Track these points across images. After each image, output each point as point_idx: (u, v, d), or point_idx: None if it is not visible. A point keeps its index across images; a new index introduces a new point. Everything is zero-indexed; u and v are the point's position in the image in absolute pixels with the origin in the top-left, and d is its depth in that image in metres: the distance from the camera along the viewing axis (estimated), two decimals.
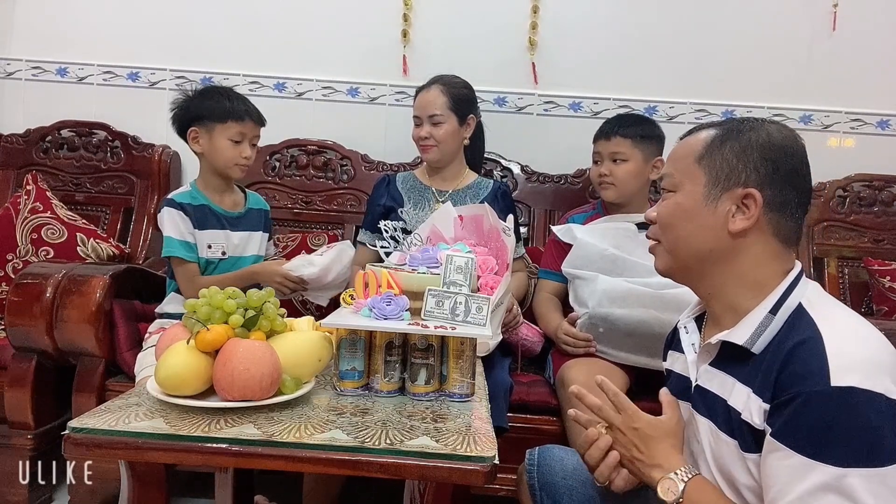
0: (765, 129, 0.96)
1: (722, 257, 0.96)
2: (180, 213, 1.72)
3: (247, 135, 1.76)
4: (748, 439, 0.89)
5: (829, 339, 0.84)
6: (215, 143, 1.74)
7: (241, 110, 1.75)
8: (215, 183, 1.80)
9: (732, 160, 0.95)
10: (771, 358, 0.88)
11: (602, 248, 1.80)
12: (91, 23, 2.49)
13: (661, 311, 1.61)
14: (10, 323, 1.71)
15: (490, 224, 1.54)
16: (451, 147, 1.93)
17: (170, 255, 1.71)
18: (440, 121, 1.90)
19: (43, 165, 2.42)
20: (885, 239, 2.33)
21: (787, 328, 0.90)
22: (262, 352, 1.01)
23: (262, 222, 1.89)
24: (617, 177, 1.88)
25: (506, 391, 1.56)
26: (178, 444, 0.92)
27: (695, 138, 1.00)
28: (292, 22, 2.46)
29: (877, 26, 2.39)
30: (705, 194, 0.96)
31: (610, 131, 1.91)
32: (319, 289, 1.79)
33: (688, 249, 0.99)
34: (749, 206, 0.93)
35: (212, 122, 1.74)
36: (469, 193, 1.95)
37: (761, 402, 0.87)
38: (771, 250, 0.95)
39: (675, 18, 2.42)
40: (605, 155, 1.91)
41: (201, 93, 1.78)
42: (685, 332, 1.08)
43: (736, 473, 0.91)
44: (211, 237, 1.76)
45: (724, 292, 0.98)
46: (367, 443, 0.92)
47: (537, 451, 1.18)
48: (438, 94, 1.91)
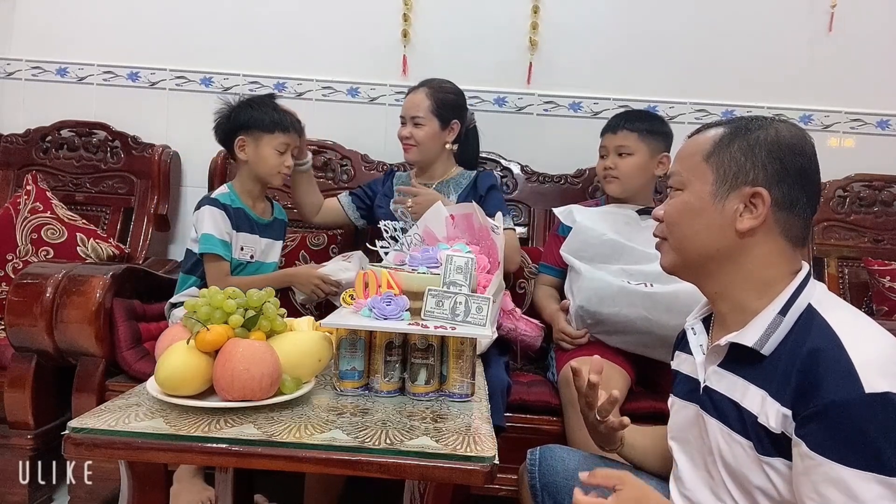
0: (774, 127, 0.95)
1: (729, 256, 0.95)
2: (222, 212, 1.79)
3: (290, 146, 1.84)
4: (765, 442, 0.88)
5: (850, 344, 0.82)
6: (262, 152, 1.81)
7: (286, 122, 1.83)
8: (254, 189, 1.88)
9: (740, 158, 0.94)
10: (787, 361, 0.87)
11: (600, 232, 1.78)
12: (91, 23, 2.49)
13: (650, 311, 1.61)
14: (10, 323, 1.71)
15: (479, 222, 1.55)
16: (430, 149, 1.98)
17: (208, 251, 1.75)
18: (421, 123, 1.95)
19: (43, 165, 2.42)
20: (885, 239, 2.33)
21: (798, 330, 0.89)
22: (262, 352, 1.01)
23: (281, 231, 1.98)
24: (621, 170, 1.87)
25: (503, 390, 1.56)
26: (178, 444, 0.92)
27: (703, 136, 1.00)
28: (292, 22, 2.46)
29: (877, 26, 2.39)
30: (713, 192, 0.95)
31: (617, 125, 1.90)
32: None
33: (694, 248, 0.98)
34: (757, 205, 0.92)
35: (259, 132, 1.81)
36: (451, 184, 2.00)
37: (780, 406, 0.86)
38: (779, 250, 0.94)
39: (675, 19, 2.42)
40: (610, 148, 1.90)
41: (247, 103, 1.85)
42: (693, 334, 1.07)
43: (750, 475, 0.90)
44: (245, 240, 1.83)
45: (730, 292, 0.97)
46: (367, 443, 0.92)
47: (538, 450, 1.18)
48: (423, 97, 1.96)
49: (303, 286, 1.83)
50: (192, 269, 1.82)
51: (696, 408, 1.02)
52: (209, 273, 1.77)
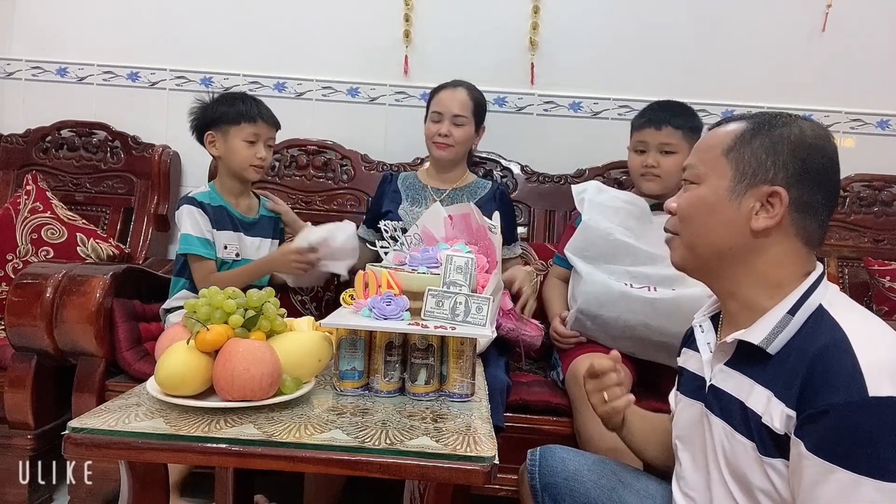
0: (798, 125, 0.93)
1: (741, 255, 0.93)
2: (200, 210, 1.77)
3: (261, 136, 1.81)
4: (768, 443, 0.87)
5: (858, 345, 0.80)
6: (230, 145, 1.80)
7: (253, 112, 1.80)
8: (233, 186, 1.86)
9: (762, 155, 0.91)
10: (794, 361, 0.85)
11: (607, 232, 1.73)
12: (91, 23, 2.49)
13: (650, 317, 1.60)
14: (10, 323, 1.71)
15: (477, 223, 1.55)
16: (463, 150, 1.96)
17: (188, 251, 1.74)
18: (462, 122, 1.91)
19: (43, 165, 2.42)
20: (885, 239, 2.33)
21: (807, 330, 0.88)
22: (262, 352, 1.01)
23: (272, 229, 1.93)
24: (664, 169, 1.79)
25: (502, 390, 1.56)
26: (178, 444, 0.92)
27: (724, 129, 0.97)
28: (292, 22, 2.46)
29: (877, 26, 2.39)
30: (730, 189, 0.93)
31: (661, 120, 1.81)
32: (332, 257, 1.78)
33: (707, 245, 0.96)
34: (774, 205, 0.90)
35: (226, 126, 1.80)
36: (466, 192, 1.96)
37: (784, 406, 0.84)
38: (793, 251, 0.92)
39: (675, 19, 2.42)
40: (652, 145, 1.81)
41: (217, 99, 1.84)
42: (700, 331, 1.05)
43: (751, 476, 0.89)
44: (227, 238, 1.81)
45: (741, 291, 0.95)
46: (367, 443, 0.92)
47: (539, 451, 1.17)
48: (466, 96, 1.92)
49: (283, 267, 1.78)
50: (181, 270, 1.81)
51: (700, 406, 1.00)
52: (194, 273, 1.76)
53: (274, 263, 1.80)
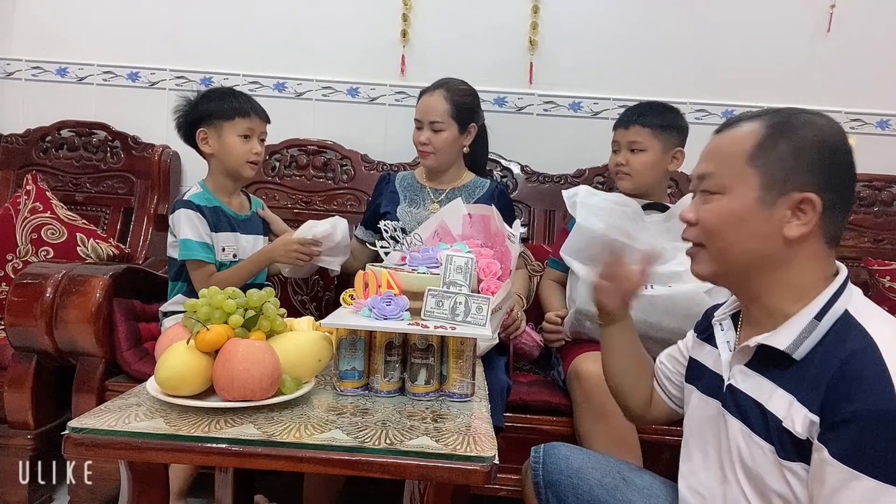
0: (816, 124, 0.90)
1: (772, 264, 0.91)
2: (198, 214, 1.72)
3: (255, 130, 1.77)
4: (788, 447, 0.85)
5: (888, 353, 0.79)
6: (225, 141, 1.75)
7: (246, 107, 1.76)
8: (227, 184, 1.81)
9: (789, 161, 0.88)
10: (819, 367, 0.84)
11: (602, 231, 1.73)
12: (91, 23, 2.49)
13: (648, 314, 1.59)
14: (10, 323, 1.71)
15: (496, 227, 1.54)
16: (448, 154, 1.92)
17: (189, 257, 1.69)
18: (440, 128, 1.88)
19: (43, 165, 2.42)
20: (885, 239, 2.33)
21: (834, 336, 0.86)
22: (262, 352, 1.01)
23: (262, 226, 1.91)
24: (633, 167, 1.83)
25: (502, 390, 1.56)
26: (178, 444, 0.92)
27: (739, 133, 0.93)
28: (292, 22, 2.46)
29: (877, 26, 2.39)
30: (759, 199, 0.89)
31: (629, 120, 1.85)
32: (331, 252, 1.77)
33: (738, 257, 0.93)
34: (806, 211, 0.88)
35: (219, 121, 1.74)
36: (465, 192, 1.95)
37: (807, 411, 0.83)
38: (821, 254, 0.91)
39: (675, 19, 2.42)
40: (622, 144, 1.85)
41: (204, 95, 1.79)
42: (720, 330, 1.04)
43: (768, 478, 0.88)
44: (225, 240, 1.76)
45: (765, 296, 0.94)
46: (367, 443, 0.92)
47: (543, 448, 1.17)
48: (441, 100, 1.89)
49: (284, 257, 1.74)
50: (177, 275, 1.77)
51: (717, 405, 0.99)
52: (194, 279, 1.71)
53: (275, 254, 1.75)
